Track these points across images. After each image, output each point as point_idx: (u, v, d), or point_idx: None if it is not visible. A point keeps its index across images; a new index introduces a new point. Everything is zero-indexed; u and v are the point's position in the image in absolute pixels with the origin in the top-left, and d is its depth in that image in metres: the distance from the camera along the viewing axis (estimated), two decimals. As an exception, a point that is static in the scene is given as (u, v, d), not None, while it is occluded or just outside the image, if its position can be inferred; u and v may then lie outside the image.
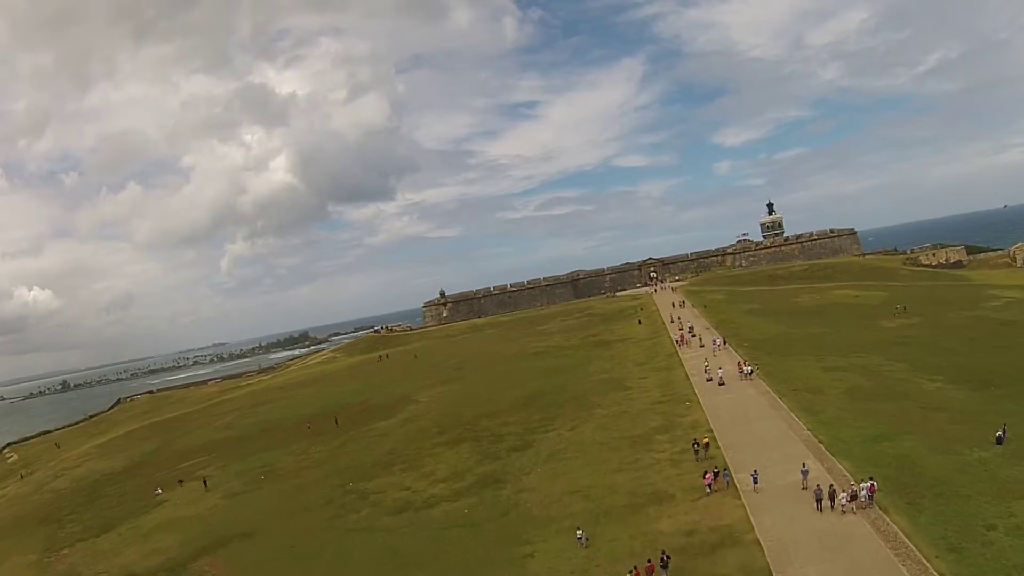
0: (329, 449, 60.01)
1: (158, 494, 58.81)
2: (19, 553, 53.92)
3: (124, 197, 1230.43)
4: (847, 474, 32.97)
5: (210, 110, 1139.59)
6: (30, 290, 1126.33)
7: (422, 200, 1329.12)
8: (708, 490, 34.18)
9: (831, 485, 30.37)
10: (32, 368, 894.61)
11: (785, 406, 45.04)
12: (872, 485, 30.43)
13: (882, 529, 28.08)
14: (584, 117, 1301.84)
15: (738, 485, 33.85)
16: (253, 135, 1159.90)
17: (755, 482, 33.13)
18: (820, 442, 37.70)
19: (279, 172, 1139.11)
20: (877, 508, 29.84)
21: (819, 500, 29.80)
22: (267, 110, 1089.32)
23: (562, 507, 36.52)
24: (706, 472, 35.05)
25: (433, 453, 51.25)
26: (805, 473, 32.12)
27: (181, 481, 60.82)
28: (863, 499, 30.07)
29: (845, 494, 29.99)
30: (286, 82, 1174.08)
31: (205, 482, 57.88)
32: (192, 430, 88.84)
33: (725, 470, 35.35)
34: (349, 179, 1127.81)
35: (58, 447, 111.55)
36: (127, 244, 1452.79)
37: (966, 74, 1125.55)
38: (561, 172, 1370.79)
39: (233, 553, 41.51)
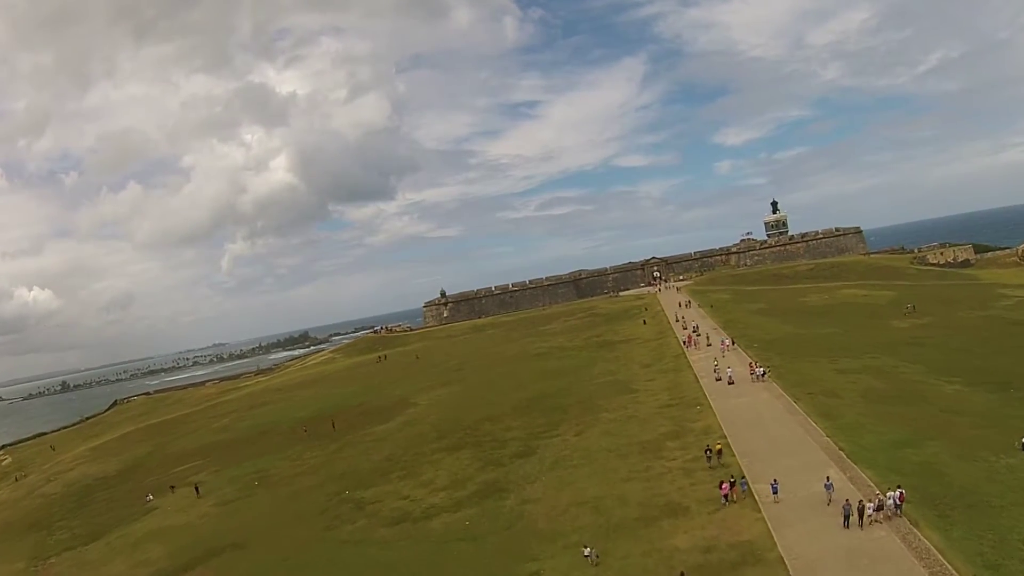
0: (325, 454, 58.14)
1: (149, 500, 57.42)
2: (6, 561, 52.79)
3: (124, 197, 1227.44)
4: (871, 484, 31.08)
5: (210, 110, 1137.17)
6: (30, 290, 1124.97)
7: (422, 200, 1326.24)
8: (724, 501, 32.25)
9: (860, 501, 28.23)
10: (32, 368, 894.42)
11: (801, 410, 43.04)
12: (901, 494, 28.74)
13: (914, 545, 26.24)
14: (585, 117, 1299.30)
15: (756, 496, 31.84)
16: (253, 135, 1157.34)
17: (775, 492, 31.11)
18: (841, 449, 35.74)
19: (279, 172, 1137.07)
20: (906, 520, 28.08)
21: (847, 516, 27.64)
22: (267, 110, 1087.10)
23: (569, 520, 34.47)
24: (722, 482, 33.05)
25: (432, 459, 49.29)
26: (830, 487, 29.95)
27: (173, 487, 59.19)
28: (890, 508, 28.38)
29: (872, 503, 28.28)
30: (286, 82, 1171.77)
31: (197, 488, 56.08)
32: (187, 433, 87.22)
33: (742, 479, 33.39)
34: (349, 179, 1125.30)
35: (53, 449, 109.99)
36: (127, 244, 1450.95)
37: (967, 74, 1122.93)
38: (562, 172, 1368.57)
39: (223, 565, 39.84)
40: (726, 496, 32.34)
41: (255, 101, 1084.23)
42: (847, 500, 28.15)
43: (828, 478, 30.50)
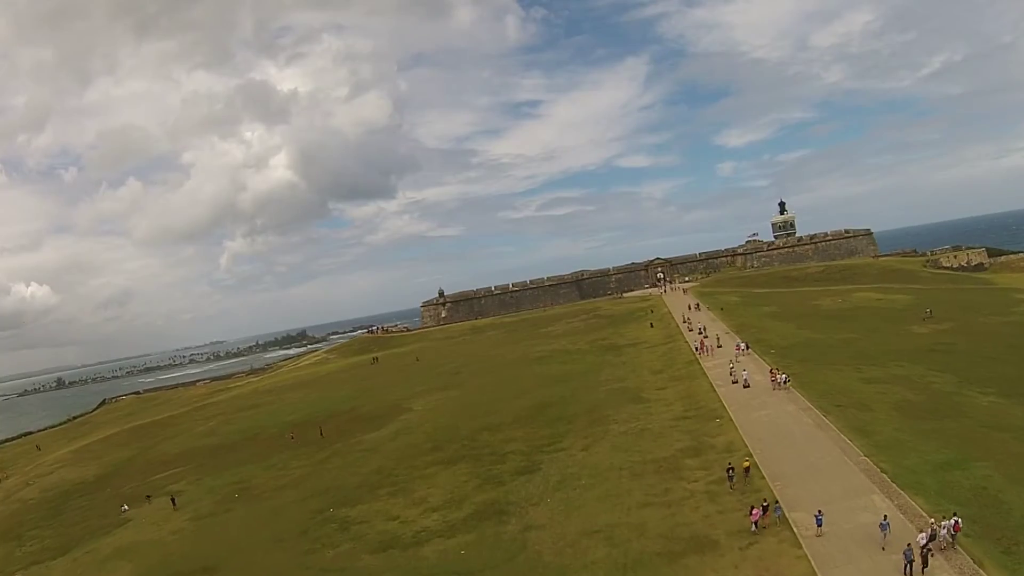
0: (311, 464, 54.20)
1: (125, 511, 53.94)
2: (-31, 575, 48.76)
3: (123, 193, 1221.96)
4: (924, 514, 27.23)
5: (211, 107, 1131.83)
6: (28, 286, 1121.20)
7: (423, 199, 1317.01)
8: (754, 528, 28.39)
9: (924, 546, 24.22)
10: (29, 364, 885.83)
11: (832, 425, 39.09)
12: (956, 523, 25.25)
13: (983, 591, 22.43)
14: (587, 117, 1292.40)
15: (795, 527, 27.86)
16: (254, 132, 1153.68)
17: (819, 524, 27.18)
18: (883, 472, 31.83)
19: (279, 169, 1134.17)
20: (968, 558, 24.34)
21: (910, 563, 23.57)
22: (268, 107, 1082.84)
23: (579, 552, 30.36)
24: (753, 507, 29.19)
25: (426, 474, 45.28)
26: (885, 527, 25.76)
27: (149, 497, 55.58)
28: (944, 539, 24.92)
29: (924, 534, 24.74)
30: (287, 79, 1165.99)
31: (173, 500, 52.26)
32: (171, 436, 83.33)
33: (776, 503, 29.51)
34: (350, 177, 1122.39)
35: (39, 449, 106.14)
36: (126, 240, 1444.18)
37: (970, 77, 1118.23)
38: (563, 172, 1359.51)
39: (192, 592, 35.95)
40: (755, 523, 28.56)
41: (256, 98, 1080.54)
42: (908, 544, 24.01)
43: (885, 517, 26.35)
